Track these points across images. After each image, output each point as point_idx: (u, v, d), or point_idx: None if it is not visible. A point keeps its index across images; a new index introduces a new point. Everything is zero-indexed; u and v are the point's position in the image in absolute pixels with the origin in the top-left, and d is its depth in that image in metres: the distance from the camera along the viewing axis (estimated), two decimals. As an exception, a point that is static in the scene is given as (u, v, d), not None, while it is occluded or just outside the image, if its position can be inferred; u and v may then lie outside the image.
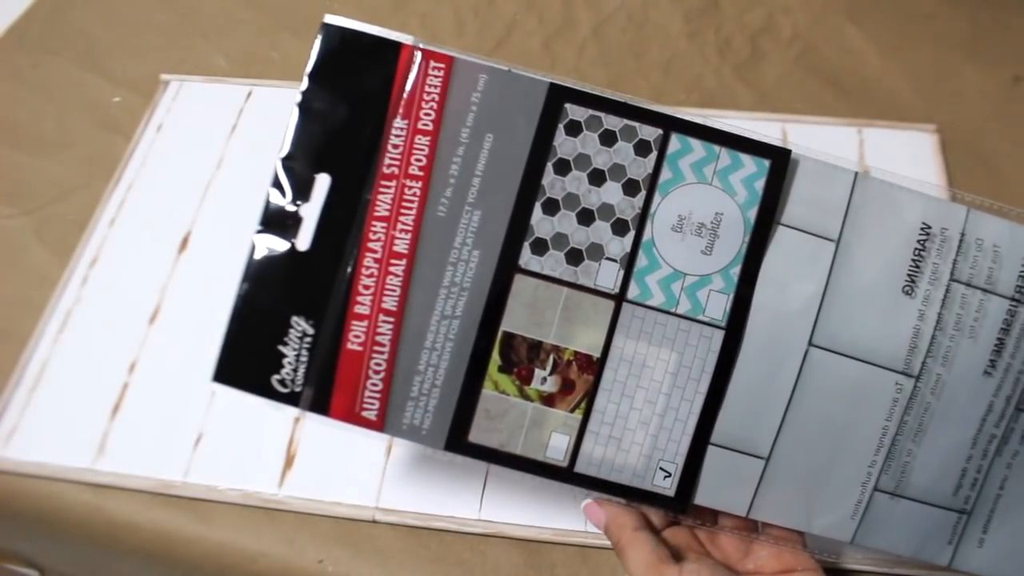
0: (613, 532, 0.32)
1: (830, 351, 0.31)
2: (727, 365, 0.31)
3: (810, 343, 0.31)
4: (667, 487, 0.31)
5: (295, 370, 0.31)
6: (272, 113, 0.52)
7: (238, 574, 0.37)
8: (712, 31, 0.57)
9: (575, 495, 0.37)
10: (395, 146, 0.31)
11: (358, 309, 0.31)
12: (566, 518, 0.37)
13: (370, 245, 0.31)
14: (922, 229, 0.31)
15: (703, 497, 0.32)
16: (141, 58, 0.56)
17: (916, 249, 0.31)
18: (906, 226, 0.31)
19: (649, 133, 0.31)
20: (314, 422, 0.40)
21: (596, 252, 0.31)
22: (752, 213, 0.31)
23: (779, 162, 0.31)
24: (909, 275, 0.31)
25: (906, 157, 0.48)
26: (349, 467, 0.39)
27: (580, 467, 0.31)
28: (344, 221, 0.31)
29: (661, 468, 0.31)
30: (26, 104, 0.54)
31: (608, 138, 0.31)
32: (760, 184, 0.31)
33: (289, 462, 0.39)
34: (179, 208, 0.48)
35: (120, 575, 0.43)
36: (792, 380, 0.31)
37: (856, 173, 0.32)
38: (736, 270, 0.31)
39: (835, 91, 0.52)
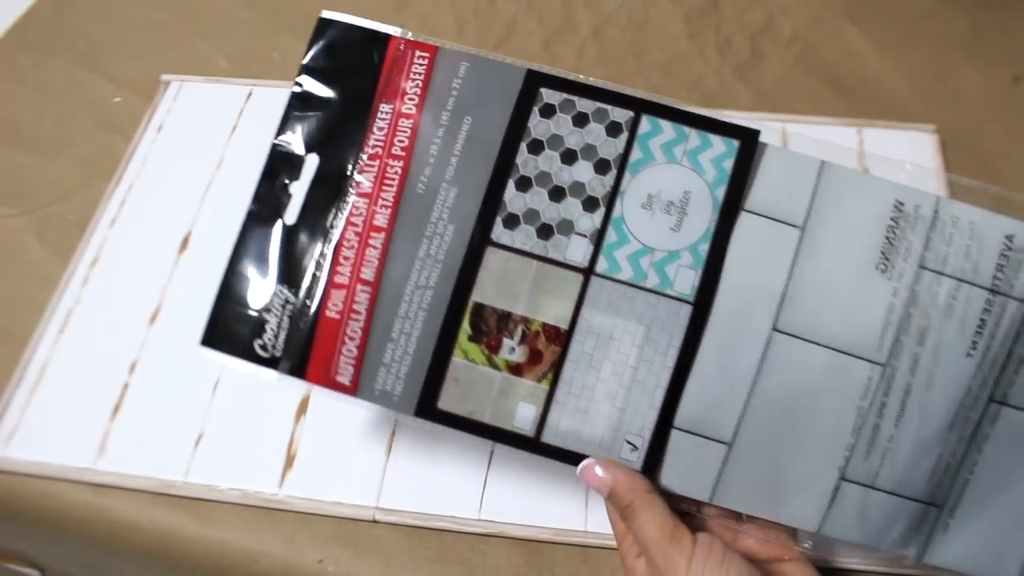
0: (624, 495, 0.30)
1: (794, 336, 0.31)
2: (694, 341, 0.31)
3: (773, 328, 0.31)
4: (634, 460, 0.32)
5: (276, 336, 0.32)
6: (272, 113, 0.52)
7: (238, 574, 0.37)
8: (712, 31, 0.57)
9: (575, 494, 0.37)
10: (380, 128, 0.33)
11: (337, 279, 0.32)
12: (566, 518, 0.37)
13: (352, 220, 0.32)
14: (895, 207, 0.31)
15: (667, 480, 0.32)
16: (141, 58, 0.56)
17: (889, 226, 0.31)
18: (877, 207, 0.31)
19: (620, 115, 0.32)
20: (315, 422, 0.40)
21: (566, 227, 0.32)
22: (721, 192, 0.32)
23: (748, 142, 0.32)
24: (883, 253, 0.31)
25: (906, 157, 0.48)
26: (349, 467, 0.39)
27: (547, 437, 0.32)
28: (329, 198, 0.33)
29: (628, 441, 0.32)
30: (27, 104, 0.54)
31: (581, 120, 0.33)
32: (729, 164, 0.32)
33: (289, 462, 0.39)
34: (179, 208, 0.48)
35: (121, 575, 0.43)
36: (755, 365, 0.31)
37: (822, 162, 0.32)
38: (705, 247, 0.32)
39: (835, 91, 0.53)
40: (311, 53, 0.34)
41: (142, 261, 0.46)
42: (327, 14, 0.34)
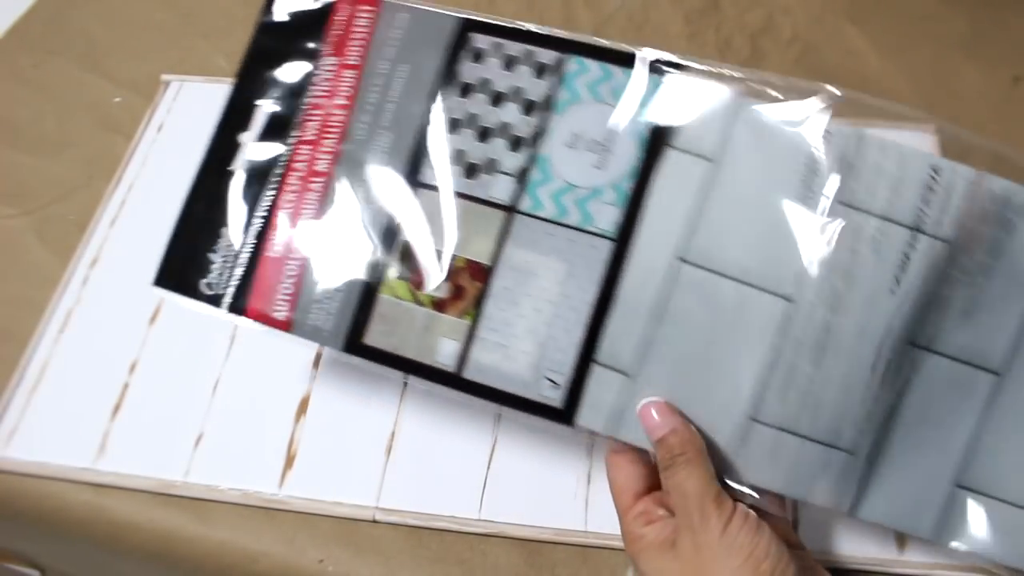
0: (676, 444, 0.30)
1: (702, 268, 0.31)
2: (614, 277, 0.32)
3: (682, 260, 0.31)
4: (555, 398, 0.32)
5: (220, 275, 0.34)
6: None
7: (238, 574, 0.37)
8: (712, 31, 0.57)
9: (575, 494, 0.37)
10: (325, 79, 0.35)
11: (278, 221, 0.34)
12: (566, 518, 0.37)
13: (295, 165, 0.34)
14: (823, 139, 0.31)
15: (585, 418, 0.32)
16: (142, 58, 0.56)
17: (811, 161, 0.31)
18: (801, 142, 0.31)
19: (548, 56, 0.34)
20: (315, 422, 0.40)
21: (491, 166, 0.33)
22: (645, 128, 0.32)
23: (674, 80, 0.33)
24: (805, 187, 0.31)
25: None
26: (349, 467, 0.39)
27: (468, 373, 0.32)
28: (275, 146, 0.35)
29: (548, 378, 0.32)
30: (27, 104, 0.54)
31: (509, 63, 0.34)
32: (652, 99, 0.32)
33: (289, 462, 0.39)
34: (180, 208, 0.48)
35: (121, 574, 0.43)
36: (666, 298, 0.31)
37: (744, 100, 0.32)
38: (628, 184, 0.32)
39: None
40: (264, 15, 0.36)
41: (142, 261, 0.46)
42: None
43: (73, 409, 0.41)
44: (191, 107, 0.53)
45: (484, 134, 0.33)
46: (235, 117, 0.35)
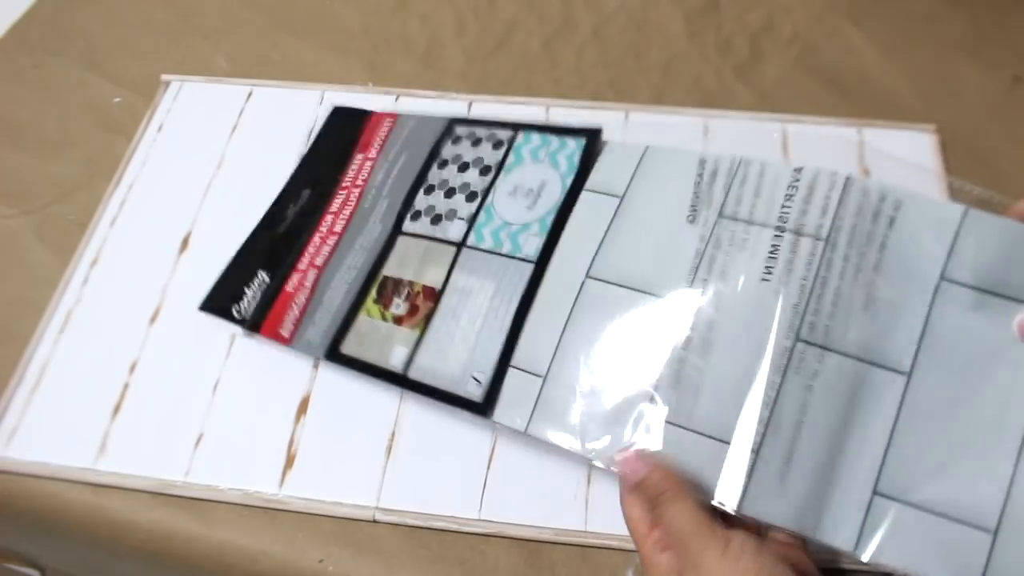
0: (657, 483, 0.31)
1: (602, 281, 0.38)
2: (532, 293, 0.39)
3: (587, 275, 0.38)
4: (476, 394, 0.37)
5: (248, 304, 0.43)
6: (272, 113, 0.52)
7: (239, 574, 0.37)
8: (712, 31, 0.57)
9: (575, 494, 0.37)
10: (352, 169, 0.47)
11: (299, 266, 0.44)
12: (566, 518, 0.37)
13: (320, 228, 0.45)
14: (699, 167, 0.38)
15: (500, 415, 0.37)
16: (142, 58, 0.56)
17: (696, 183, 0.38)
18: (685, 171, 0.39)
19: (504, 134, 0.45)
20: (315, 422, 0.40)
21: (451, 215, 0.43)
22: (569, 179, 0.42)
23: (592, 138, 0.43)
24: (692, 207, 0.38)
25: (906, 157, 0.48)
26: (349, 467, 0.39)
27: (412, 374, 0.39)
28: (309, 215, 0.46)
29: (473, 377, 0.38)
30: (27, 104, 0.54)
31: (476, 142, 0.45)
32: (577, 156, 0.42)
33: (290, 462, 0.39)
34: (179, 208, 0.48)
35: (121, 574, 0.43)
36: (569, 307, 0.38)
37: (647, 147, 0.41)
38: (550, 218, 0.41)
39: (835, 91, 0.53)
40: (320, 130, 0.50)
41: (142, 261, 0.46)
42: (338, 106, 0.51)
43: (73, 409, 0.41)
44: (191, 107, 0.53)
45: (450, 193, 0.44)
46: (287, 196, 0.47)
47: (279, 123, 0.52)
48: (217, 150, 0.50)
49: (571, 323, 0.37)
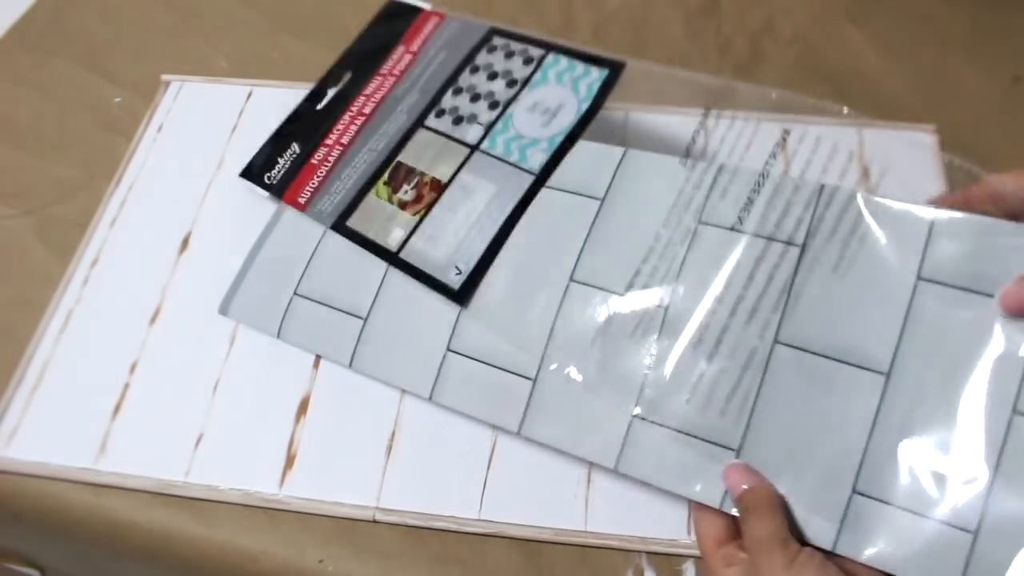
0: (751, 500, 0.32)
1: (582, 283, 0.39)
2: (526, 203, 0.41)
3: (571, 279, 0.39)
4: (455, 283, 0.40)
5: (279, 172, 0.46)
6: (272, 113, 0.52)
7: (239, 574, 0.37)
8: (712, 31, 0.57)
9: (575, 494, 0.37)
10: (392, 59, 0.49)
11: (327, 142, 0.47)
12: (566, 518, 0.37)
13: (351, 108, 0.48)
14: (683, 164, 0.40)
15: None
16: (142, 59, 0.56)
17: (679, 189, 0.39)
18: (672, 175, 0.40)
19: (535, 52, 0.47)
20: (315, 422, 0.40)
21: (472, 119, 0.45)
22: (585, 105, 0.44)
23: (614, 70, 0.45)
24: (670, 208, 0.39)
25: (906, 157, 0.48)
26: (349, 467, 0.39)
27: (404, 254, 0.41)
28: (345, 97, 0.49)
29: (455, 266, 0.40)
30: (27, 104, 0.54)
31: (509, 55, 0.47)
32: (597, 86, 0.44)
33: (290, 462, 0.39)
34: (180, 208, 0.48)
35: (121, 575, 0.43)
36: (556, 306, 0.38)
37: (625, 150, 0.41)
38: (559, 139, 0.43)
39: (835, 91, 0.52)
40: (376, 17, 0.52)
41: (142, 261, 0.46)
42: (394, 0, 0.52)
43: (73, 409, 0.41)
44: (191, 107, 0.53)
45: (475, 98, 0.46)
46: (330, 76, 0.50)
47: (279, 123, 0.52)
48: (217, 150, 0.50)
49: (559, 323, 0.38)
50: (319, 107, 0.48)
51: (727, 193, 0.38)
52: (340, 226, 0.43)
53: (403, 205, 0.43)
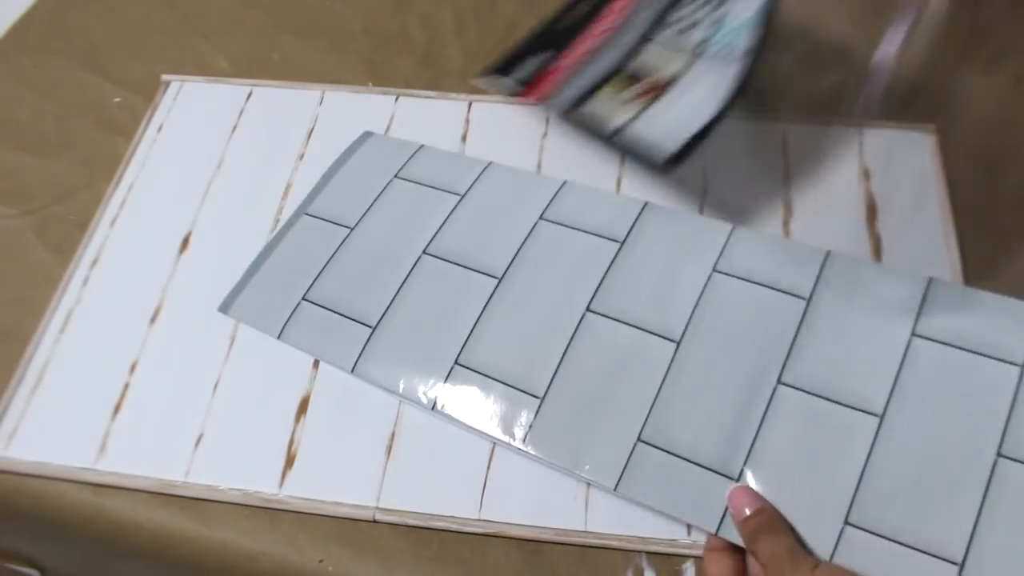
0: (758, 522, 0.34)
1: (599, 313, 0.41)
2: (738, 90, 0.45)
3: (588, 310, 0.41)
4: (661, 156, 0.44)
5: (526, 71, 0.51)
6: (272, 113, 0.52)
7: (239, 574, 0.37)
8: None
9: (575, 494, 0.37)
10: None
11: (575, 47, 0.52)
12: (566, 518, 0.37)
13: (599, 21, 0.53)
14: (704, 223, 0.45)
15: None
16: (142, 59, 0.56)
17: (700, 238, 0.44)
18: (699, 229, 0.44)
19: None
20: (315, 422, 0.40)
21: (691, 26, 0.51)
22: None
23: None
24: (693, 255, 0.43)
25: (906, 157, 0.48)
26: (349, 467, 0.39)
27: (620, 135, 0.46)
28: (594, 12, 0.54)
29: (666, 145, 0.44)
30: (27, 104, 0.54)
31: None
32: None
33: (290, 462, 0.39)
34: (180, 208, 0.48)
35: (121, 574, 0.43)
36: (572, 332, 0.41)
37: (645, 203, 0.45)
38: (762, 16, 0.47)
39: (834, 91, 0.52)
40: None
41: (142, 261, 0.46)
42: None
43: (73, 409, 0.41)
44: (191, 107, 0.53)
45: (698, 8, 0.51)
46: None
47: (279, 123, 0.52)
48: (217, 150, 0.50)
49: (569, 355, 0.40)
50: (570, 20, 0.53)
51: (741, 247, 0.42)
52: (573, 112, 0.49)
53: (630, 99, 0.48)
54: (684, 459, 0.36)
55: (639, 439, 0.37)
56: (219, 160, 0.50)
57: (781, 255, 0.42)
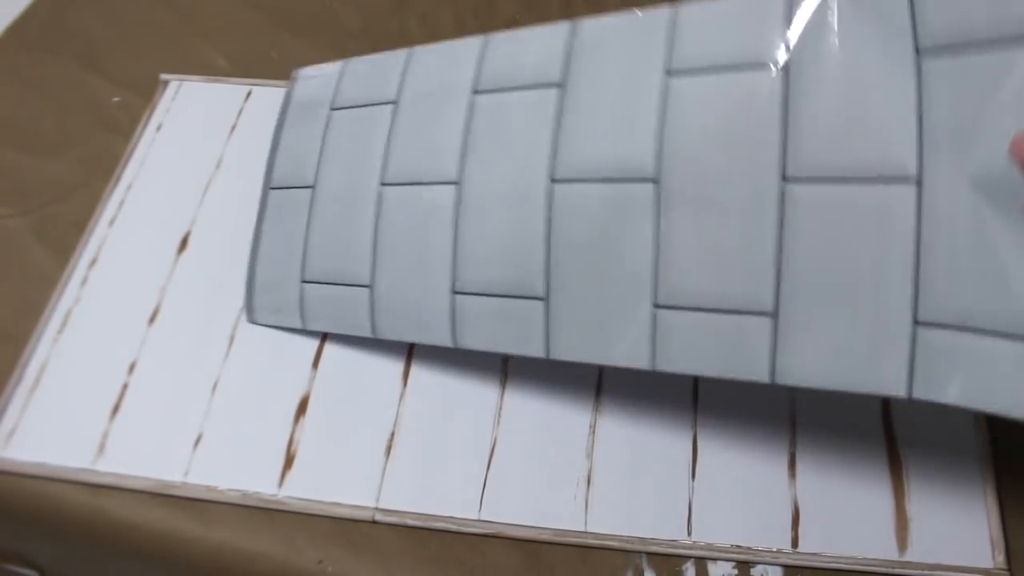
0: None
1: (564, 181, 0.34)
2: None
3: (551, 180, 0.34)
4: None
5: None
6: (272, 113, 0.52)
7: (238, 574, 0.37)
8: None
9: (575, 494, 0.37)
10: None
11: None
12: (566, 518, 0.37)
13: None
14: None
15: None
16: (141, 58, 0.56)
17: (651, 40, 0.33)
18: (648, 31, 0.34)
19: None
20: (314, 422, 0.40)
21: None
22: None
23: None
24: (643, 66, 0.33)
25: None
26: (349, 467, 0.39)
27: None
28: None
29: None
30: (26, 104, 0.54)
31: None
32: None
33: (289, 462, 0.39)
34: (179, 208, 0.48)
35: (120, 575, 0.43)
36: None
37: (572, 22, 0.35)
38: None
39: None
40: None
41: (141, 261, 0.46)
42: None
43: (72, 409, 0.41)
44: (190, 107, 0.53)
45: None
46: None
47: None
48: (216, 150, 0.50)
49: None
50: None
51: (690, 32, 0.33)
52: None
53: None
54: (709, 310, 0.30)
55: (656, 305, 0.31)
56: (218, 160, 0.50)
57: (736, 19, 0.32)
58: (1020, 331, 0.25)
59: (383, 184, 0.38)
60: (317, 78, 0.44)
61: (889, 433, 0.38)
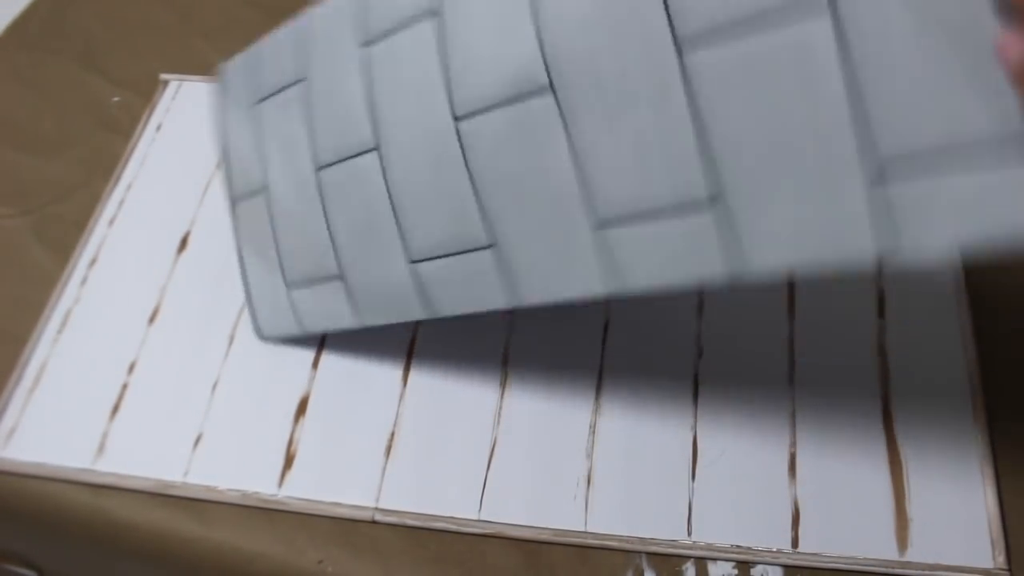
0: None
1: (466, 117, 0.31)
2: None
3: (454, 119, 0.32)
4: None
5: None
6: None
7: (237, 574, 0.37)
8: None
9: (575, 494, 0.37)
10: None
11: None
12: (566, 518, 0.37)
13: None
14: None
15: None
16: (141, 58, 0.56)
17: None
18: None
19: None
20: (314, 422, 0.40)
21: None
22: None
23: None
24: None
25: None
26: (348, 467, 0.39)
27: None
28: None
29: None
30: (25, 103, 0.54)
31: None
32: None
33: (289, 462, 0.39)
34: (178, 208, 0.48)
35: (120, 575, 0.43)
36: None
37: None
38: None
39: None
40: None
41: (141, 261, 0.46)
42: None
43: (72, 409, 0.41)
44: (190, 107, 0.53)
45: None
46: None
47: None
48: (216, 150, 0.50)
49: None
50: None
51: None
52: None
53: None
54: (652, 216, 0.28)
55: (595, 229, 0.29)
56: (218, 160, 0.50)
57: None
58: (982, 158, 0.21)
59: (318, 169, 0.37)
60: (240, 70, 0.42)
61: (889, 433, 0.38)
